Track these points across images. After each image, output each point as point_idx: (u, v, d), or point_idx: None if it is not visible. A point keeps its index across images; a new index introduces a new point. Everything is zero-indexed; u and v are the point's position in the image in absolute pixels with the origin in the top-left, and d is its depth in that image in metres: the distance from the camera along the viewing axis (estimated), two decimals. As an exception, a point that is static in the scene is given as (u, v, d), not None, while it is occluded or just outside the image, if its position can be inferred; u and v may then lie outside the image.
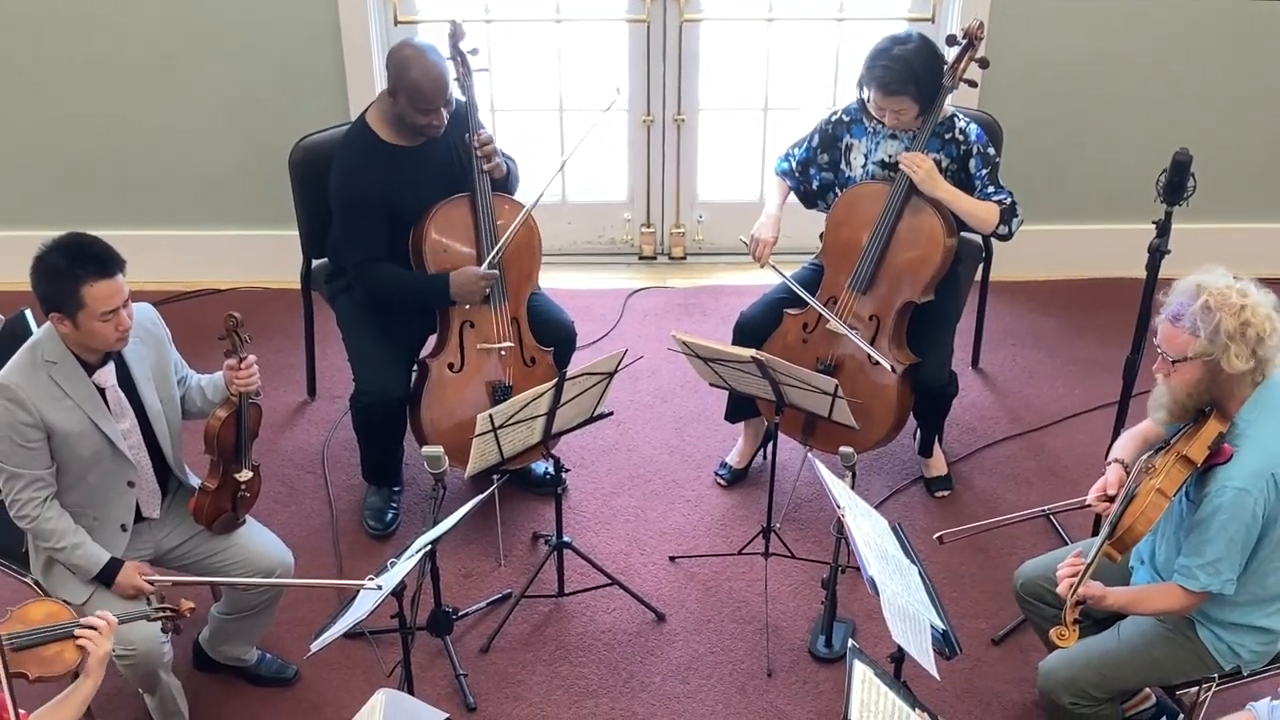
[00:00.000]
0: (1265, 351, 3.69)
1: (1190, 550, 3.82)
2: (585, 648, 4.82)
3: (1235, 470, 3.71)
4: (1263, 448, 3.72)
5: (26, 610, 3.69)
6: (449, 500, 4.54)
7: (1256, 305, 3.69)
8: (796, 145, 5.21)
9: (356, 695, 4.44)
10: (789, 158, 5.21)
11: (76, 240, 3.90)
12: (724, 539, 5.20)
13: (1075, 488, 5.30)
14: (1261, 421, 3.76)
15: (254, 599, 4.44)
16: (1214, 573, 3.78)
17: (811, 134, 5.16)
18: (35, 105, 6.10)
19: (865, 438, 5.02)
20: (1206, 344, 3.68)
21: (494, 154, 4.98)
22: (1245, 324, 3.66)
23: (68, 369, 3.98)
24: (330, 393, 5.85)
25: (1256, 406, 3.77)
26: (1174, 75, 6.13)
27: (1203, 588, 3.80)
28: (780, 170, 5.24)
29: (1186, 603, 3.86)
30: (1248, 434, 3.76)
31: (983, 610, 4.91)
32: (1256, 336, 3.66)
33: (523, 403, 4.48)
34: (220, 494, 4.28)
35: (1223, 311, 3.66)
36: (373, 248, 4.95)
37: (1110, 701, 4.09)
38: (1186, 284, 3.76)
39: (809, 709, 4.62)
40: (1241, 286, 3.73)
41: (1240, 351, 3.66)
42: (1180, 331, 3.72)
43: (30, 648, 3.59)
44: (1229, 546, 3.75)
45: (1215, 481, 3.74)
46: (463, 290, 4.93)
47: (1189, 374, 3.75)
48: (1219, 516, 3.72)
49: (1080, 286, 6.47)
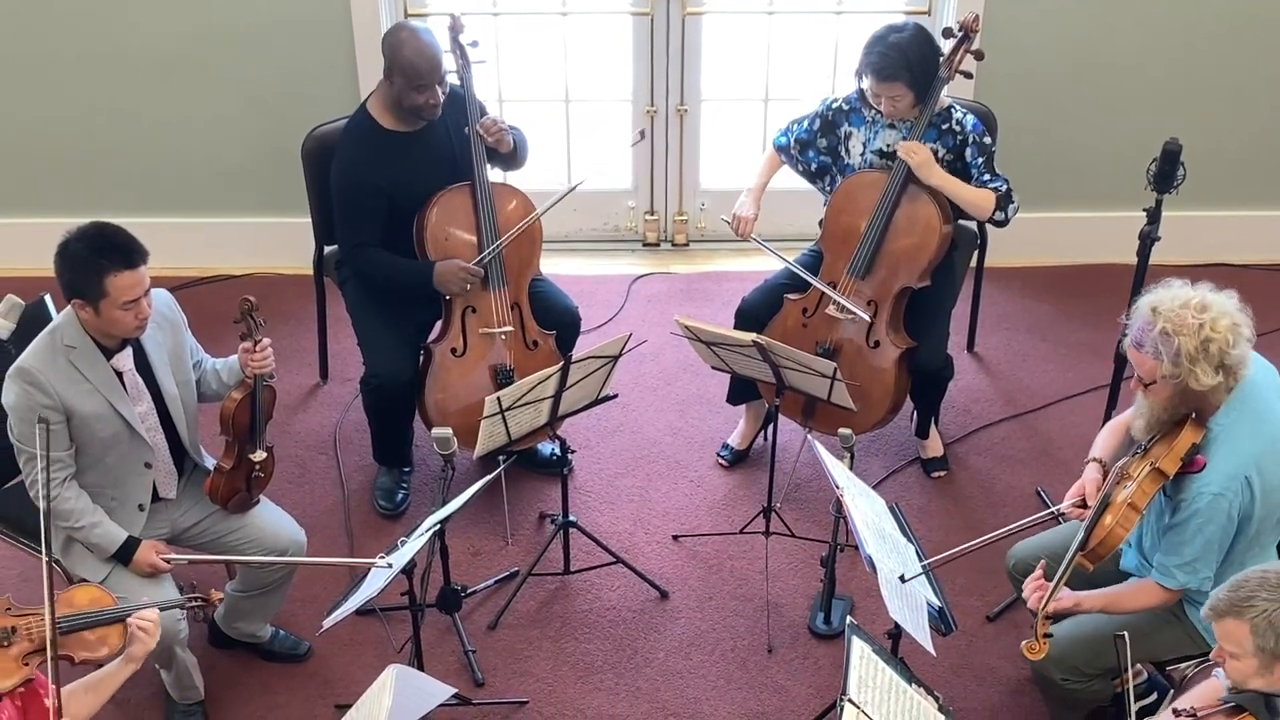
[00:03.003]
0: (1232, 360, 3.62)
1: (1168, 550, 3.80)
2: (590, 624, 4.81)
3: (1211, 475, 3.68)
4: (1237, 451, 3.69)
5: (72, 594, 3.71)
6: (458, 481, 4.53)
7: (1216, 319, 3.59)
8: (796, 122, 5.18)
9: (367, 671, 4.43)
10: (788, 133, 5.18)
11: (101, 230, 3.89)
12: (726, 518, 5.19)
13: (1068, 468, 5.33)
14: (1235, 425, 3.72)
15: (268, 577, 4.43)
16: (1191, 571, 3.77)
17: (813, 116, 5.13)
18: (58, 98, 6.09)
19: (863, 420, 5.02)
20: (1171, 368, 3.61)
21: (501, 132, 4.98)
22: (1206, 341, 3.57)
23: (87, 353, 3.98)
24: (342, 376, 5.84)
25: (1230, 411, 3.72)
26: (1164, 68, 6.12)
27: (1180, 586, 3.79)
28: (778, 144, 5.21)
29: (1164, 599, 3.84)
30: (1222, 438, 3.71)
31: (977, 588, 4.90)
32: (1220, 350, 3.58)
33: (530, 386, 4.47)
34: (235, 474, 4.27)
35: (1181, 336, 3.57)
36: (368, 233, 4.95)
37: (1101, 677, 4.08)
38: (1142, 307, 3.68)
39: (808, 684, 4.61)
40: (1199, 300, 3.63)
41: (1205, 369, 3.59)
42: (1145, 357, 3.66)
43: (76, 631, 3.60)
44: (1206, 547, 3.73)
45: (1191, 488, 3.72)
46: (443, 280, 4.93)
47: (1162, 393, 3.71)
48: (1196, 520, 3.70)
49: (1073, 272, 6.45)
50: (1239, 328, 3.63)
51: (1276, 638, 3.17)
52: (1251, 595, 3.19)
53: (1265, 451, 3.70)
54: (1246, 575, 3.24)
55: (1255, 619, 3.18)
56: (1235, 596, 3.21)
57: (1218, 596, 3.26)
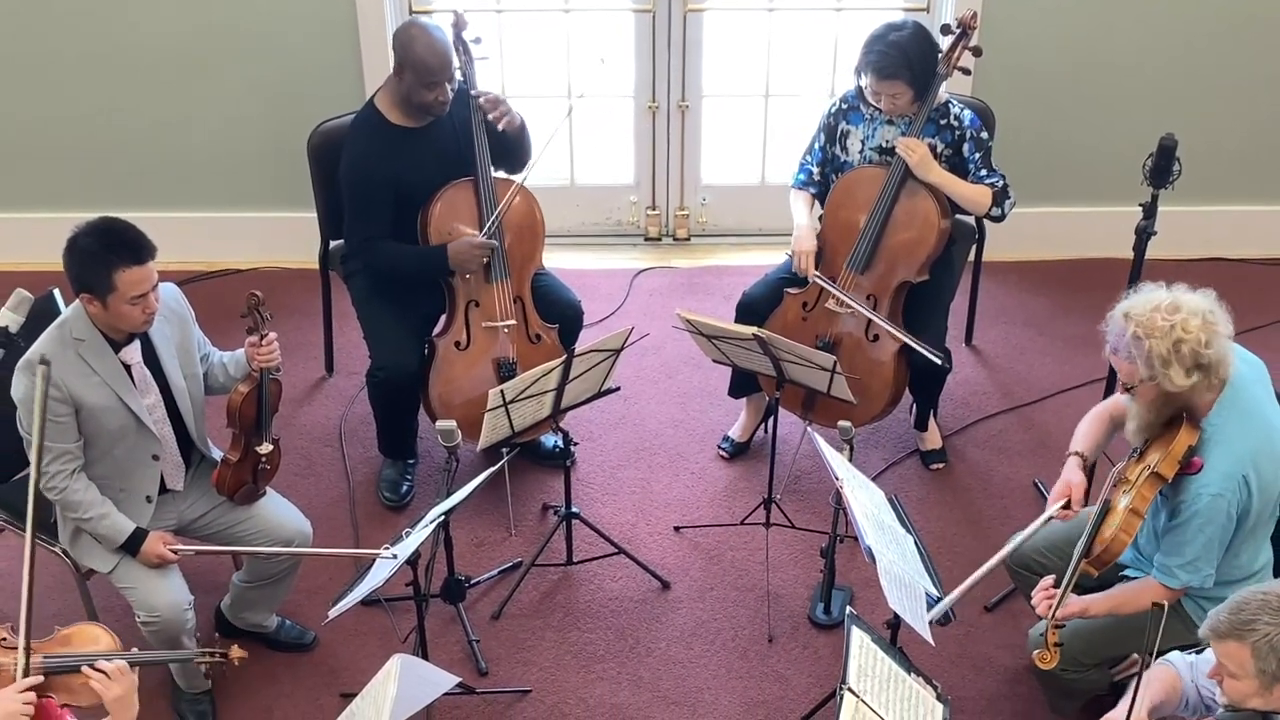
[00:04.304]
0: (1208, 359, 3.60)
1: (1168, 550, 3.79)
2: (593, 614, 4.81)
3: (1209, 477, 3.68)
4: (1232, 451, 3.68)
5: (71, 633, 3.62)
6: (461, 472, 4.52)
7: (1187, 319, 3.58)
8: (807, 153, 5.17)
9: (372, 660, 4.44)
10: (804, 168, 5.17)
11: (111, 226, 3.88)
12: (726, 510, 5.19)
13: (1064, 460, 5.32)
14: (1228, 425, 3.71)
15: (274, 567, 4.43)
16: (1193, 570, 3.76)
17: (816, 135, 5.13)
18: (66, 95, 6.09)
19: (863, 412, 5.01)
20: (1146, 370, 3.61)
21: (506, 110, 4.99)
22: (1178, 343, 3.56)
23: (95, 346, 3.97)
24: (347, 369, 5.83)
25: (1222, 410, 3.72)
26: (1160, 65, 6.11)
27: (1182, 584, 3.79)
28: (799, 184, 5.17)
29: (1167, 598, 3.82)
30: (1216, 438, 3.71)
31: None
32: (1192, 351, 3.57)
33: (533, 379, 4.46)
34: (242, 466, 4.27)
35: (1151, 339, 3.57)
36: (378, 226, 4.94)
37: (1098, 667, 4.09)
38: (1116, 314, 3.68)
39: (808, 673, 4.61)
40: (1170, 302, 3.61)
41: (1178, 371, 3.58)
42: (1122, 362, 3.67)
43: (56, 673, 3.51)
44: (1206, 546, 3.73)
45: (1190, 490, 3.71)
46: (459, 258, 4.91)
47: (1146, 395, 3.71)
48: (1196, 520, 3.70)
49: (1069, 266, 6.44)
50: (1213, 326, 3.61)
51: (1278, 661, 3.15)
52: (1253, 619, 3.17)
53: (1260, 449, 3.70)
54: (1247, 597, 3.22)
55: (1257, 642, 3.16)
56: (1237, 620, 3.19)
57: (1218, 618, 3.23)
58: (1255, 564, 3.91)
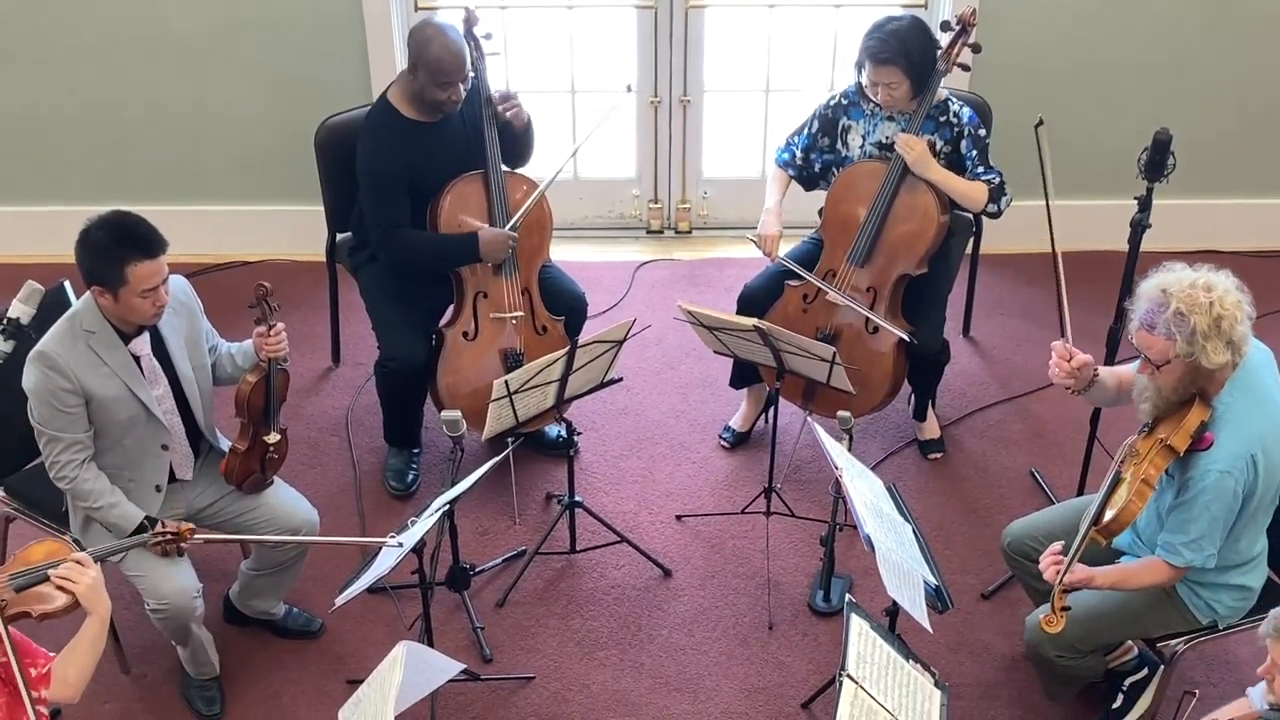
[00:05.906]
0: (1238, 336, 3.61)
1: (1174, 528, 3.78)
2: (596, 602, 4.81)
3: (1218, 454, 3.67)
4: (1242, 430, 3.68)
5: (29, 551, 3.63)
6: (466, 462, 4.52)
7: (1223, 296, 3.60)
8: (796, 134, 5.16)
9: (378, 647, 4.42)
10: (790, 148, 5.17)
11: (123, 220, 3.88)
12: (728, 499, 5.19)
13: (1061, 450, 5.33)
14: (1239, 404, 3.71)
15: (281, 556, 4.43)
16: (1197, 549, 3.75)
17: (810, 120, 5.12)
18: (76, 88, 6.07)
19: (862, 403, 5.01)
20: (1186, 346, 3.60)
21: (517, 104, 5.01)
22: (1218, 318, 3.57)
23: (105, 338, 3.97)
24: (353, 360, 5.83)
25: (1234, 390, 3.72)
26: (1155, 60, 6.10)
27: (1186, 563, 3.77)
28: (781, 161, 5.19)
29: (1171, 576, 3.83)
30: (1226, 417, 3.71)
31: (972, 566, 4.90)
32: (1230, 326, 3.58)
33: (537, 369, 4.46)
34: (250, 455, 4.27)
35: (1195, 314, 3.57)
36: (401, 214, 4.95)
37: (1094, 654, 4.08)
38: (1151, 290, 3.66)
39: (808, 660, 4.61)
40: (1205, 280, 3.63)
41: (1217, 346, 3.58)
42: (1158, 339, 3.64)
43: (28, 587, 3.51)
44: (1211, 525, 3.72)
45: (1198, 466, 3.70)
46: (490, 248, 4.91)
47: (1173, 373, 3.69)
48: (1203, 498, 3.69)
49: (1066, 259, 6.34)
50: (1242, 305, 3.64)
51: None
52: None
53: (1269, 430, 3.70)
54: None
55: None
56: None
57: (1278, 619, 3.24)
58: (1254, 549, 3.90)
